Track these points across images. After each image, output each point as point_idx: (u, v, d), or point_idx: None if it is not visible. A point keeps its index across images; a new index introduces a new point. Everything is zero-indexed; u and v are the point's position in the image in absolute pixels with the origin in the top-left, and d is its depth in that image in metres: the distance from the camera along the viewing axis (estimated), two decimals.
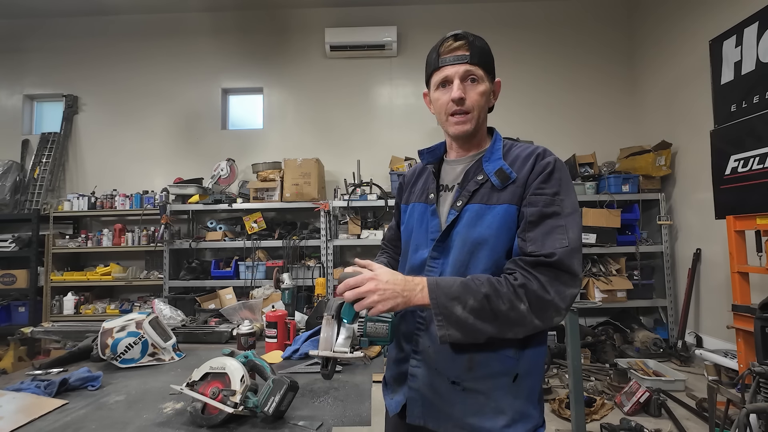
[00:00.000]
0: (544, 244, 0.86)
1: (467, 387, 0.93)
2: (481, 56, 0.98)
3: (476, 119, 0.99)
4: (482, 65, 0.98)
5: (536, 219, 0.89)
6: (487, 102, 1.02)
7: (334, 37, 4.62)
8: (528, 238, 0.89)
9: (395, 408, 1.04)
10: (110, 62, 4.96)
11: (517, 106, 4.59)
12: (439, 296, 0.87)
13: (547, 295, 0.83)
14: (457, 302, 0.85)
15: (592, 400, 2.75)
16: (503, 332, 0.86)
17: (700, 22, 3.67)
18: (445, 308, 0.86)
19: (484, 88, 0.98)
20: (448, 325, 0.86)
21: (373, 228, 4.19)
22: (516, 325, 0.85)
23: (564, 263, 0.85)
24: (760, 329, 2.17)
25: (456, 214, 0.98)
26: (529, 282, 0.84)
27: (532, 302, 0.84)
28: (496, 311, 0.84)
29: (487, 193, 0.97)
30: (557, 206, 0.90)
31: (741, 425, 1.53)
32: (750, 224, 2.56)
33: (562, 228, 0.88)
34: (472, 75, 0.97)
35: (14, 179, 4.64)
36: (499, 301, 0.84)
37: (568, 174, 0.96)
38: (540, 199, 0.91)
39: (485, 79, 0.99)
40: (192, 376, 1.09)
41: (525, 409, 0.93)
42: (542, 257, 0.85)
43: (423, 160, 1.15)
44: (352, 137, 4.81)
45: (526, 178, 0.94)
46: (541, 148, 0.98)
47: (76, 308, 4.26)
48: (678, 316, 3.86)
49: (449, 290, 0.87)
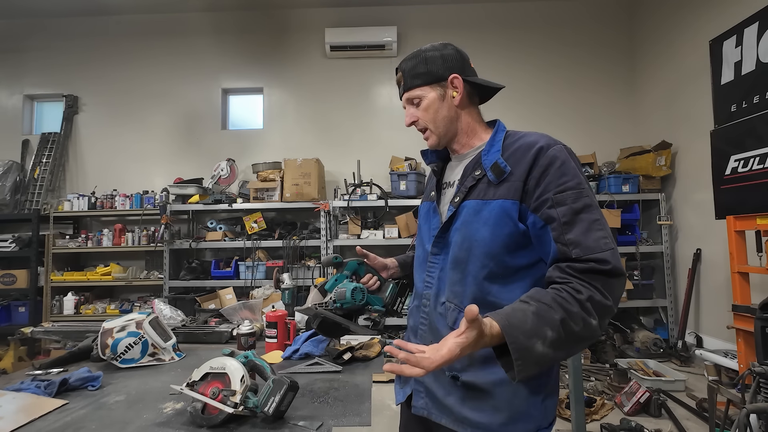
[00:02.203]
0: (588, 246, 0.81)
1: (466, 382, 0.94)
2: (412, 77, 1.02)
3: (435, 131, 1.03)
4: (415, 84, 1.02)
5: (570, 218, 0.84)
6: (441, 108, 1.01)
7: (334, 37, 4.62)
8: (568, 241, 0.83)
9: (401, 398, 1.08)
10: (110, 62, 4.96)
11: (517, 105, 4.59)
12: (518, 337, 0.74)
13: (607, 302, 0.80)
14: (536, 338, 0.75)
15: (592, 400, 2.75)
16: (574, 353, 0.86)
17: (700, 22, 3.67)
18: (525, 350, 0.74)
19: (426, 102, 1.01)
20: (526, 367, 0.74)
21: (374, 228, 4.18)
22: (586, 341, 0.81)
23: (618, 268, 0.81)
24: (760, 329, 2.17)
25: (453, 210, 0.98)
26: (593, 292, 0.79)
27: (600, 314, 0.79)
28: (571, 335, 0.77)
29: (484, 188, 0.95)
30: (586, 197, 0.86)
31: (741, 425, 1.53)
32: (750, 224, 2.56)
33: (599, 222, 0.84)
34: (412, 99, 1.03)
35: (14, 179, 4.64)
36: (573, 324, 0.77)
37: (578, 160, 0.93)
38: (566, 196, 0.86)
39: (427, 92, 1.01)
40: (192, 376, 1.09)
41: (525, 408, 0.92)
42: (593, 263, 0.80)
43: (426, 160, 1.17)
44: (353, 137, 4.81)
45: (527, 173, 0.90)
46: (544, 139, 0.93)
47: (76, 308, 4.26)
48: (678, 316, 3.86)
49: (523, 325, 0.75)
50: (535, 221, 0.88)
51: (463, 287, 0.95)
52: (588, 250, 0.81)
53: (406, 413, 1.12)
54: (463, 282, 0.95)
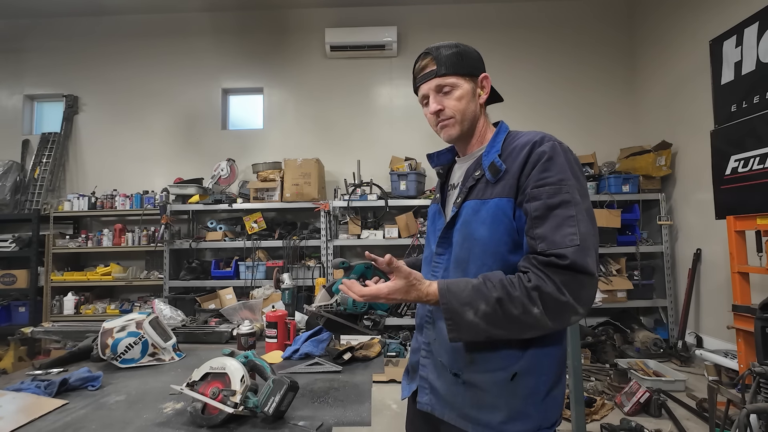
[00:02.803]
0: (554, 241, 0.82)
1: (467, 380, 0.95)
2: (450, 65, 1.00)
3: (460, 122, 1.02)
4: (453, 72, 1.00)
5: (542, 213, 0.85)
6: (470, 102, 1.02)
7: (334, 37, 4.62)
8: (536, 235, 0.85)
9: (407, 393, 1.12)
10: (110, 62, 4.97)
11: (517, 105, 4.59)
12: (450, 301, 0.87)
13: (562, 297, 0.81)
14: (469, 307, 0.85)
15: (593, 400, 2.75)
16: (516, 335, 0.88)
17: (700, 22, 3.67)
18: (456, 313, 0.86)
19: (460, 92, 1.00)
20: (458, 330, 0.87)
21: (374, 228, 4.18)
22: (530, 328, 0.85)
23: (577, 264, 0.80)
24: (760, 329, 2.17)
25: (456, 211, 1.00)
26: (544, 284, 0.81)
27: (547, 305, 0.81)
28: (509, 316, 0.83)
29: (482, 188, 0.97)
30: (565, 193, 0.86)
31: (741, 425, 1.53)
32: (750, 224, 2.56)
33: (573, 219, 0.84)
34: (444, 86, 1.01)
35: (14, 179, 4.64)
36: (512, 306, 0.83)
37: (574, 157, 0.92)
38: (543, 191, 0.86)
39: (460, 83, 1.00)
40: (192, 376, 1.09)
41: (523, 408, 0.92)
42: (554, 258, 0.82)
43: (432, 164, 1.19)
44: (353, 137, 4.81)
45: (520, 169, 0.91)
46: (540, 135, 0.94)
47: (76, 308, 4.26)
48: (678, 316, 3.85)
49: (460, 295, 0.87)
50: (520, 215, 0.91)
51: None
52: (553, 244, 0.83)
53: (411, 409, 1.14)
54: None
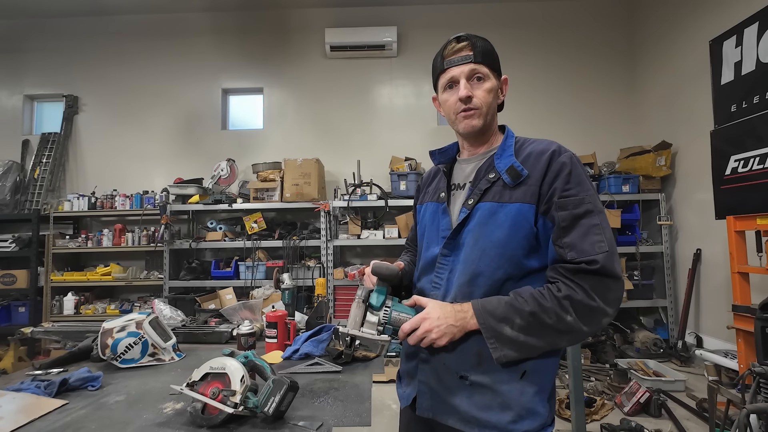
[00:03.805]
0: (583, 249, 0.86)
1: (474, 381, 0.94)
2: (485, 55, 1.00)
3: (484, 115, 1.00)
4: (486, 63, 1.00)
5: (569, 223, 0.88)
6: (495, 99, 1.03)
7: (334, 38, 4.62)
8: (564, 244, 0.88)
9: (407, 400, 1.08)
10: (111, 62, 4.96)
11: (517, 106, 4.57)
12: (487, 320, 0.89)
13: (593, 302, 0.84)
14: (505, 323, 0.88)
15: (593, 400, 2.75)
16: (556, 344, 0.89)
17: (700, 22, 3.67)
18: (495, 331, 0.89)
19: (490, 85, 1.00)
20: (501, 347, 0.89)
21: (373, 228, 4.18)
22: (566, 334, 0.87)
23: (607, 269, 0.84)
24: (760, 329, 2.17)
25: (467, 212, 0.99)
26: (574, 292, 0.84)
27: (579, 312, 0.84)
28: (545, 327, 0.86)
29: (499, 191, 0.96)
30: (589, 204, 0.89)
31: (741, 426, 1.53)
32: (750, 224, 2.56)
33: (598, 227, 0.87)
34: (478, 73, 0.99)
35: (14, 179, 4.64)
36: (545, 317, 0.86)
37: (585, 169, 0.96)
38: (569, 201, 0.89)
39: (491, 76, 1.00)
40: (192, 376, 1.09)
41: (532, 406, 0.92)
42: (584, 264, 0.84)
43: (434, 161, 1.16)
44: (353, 137, 4.81)
45: (542, 177, 0.93)
46: (555, 145, 0.97)
47: (76, 308, 4.26)
48: (678, 316, 3.85)
49: (495, 312, 0.89)
50: (544, 224, 0.92)
51: (472, 288, 0.95)
52: (582, 253, 0.86)
53: (408, 414, 1.10)
54: (473, 283, 0.96)
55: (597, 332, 0.88)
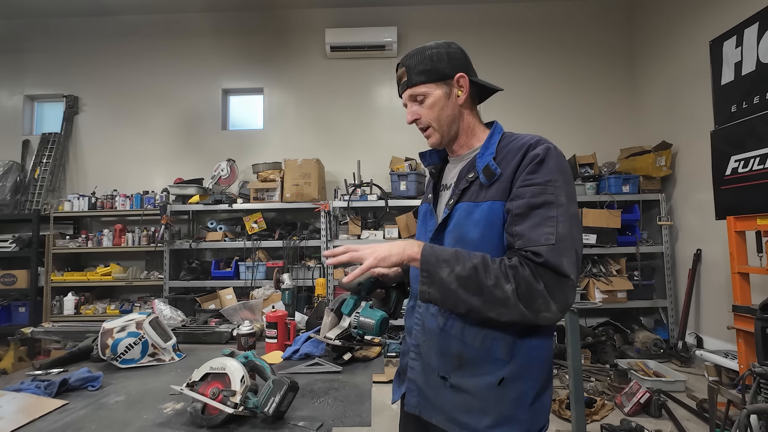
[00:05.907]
0: (530, 239, 0.84)
1: (454, 384, 0.95)
2: (417, 73, 1.00)
3: (439, 129, 1.03)
4: (422, 80, 1.00)
5: (523, 211, 0.86)
6: (445, 107, 1.01)
7: (334, 38, 4.62)
8: (514, 232, 0.87)
9: (396, 396, 1.11)
10: (111, 63, 4.97)
11: (517, 107, 4.59)
12: (429, 255, 0.90)
13: (537, 284, 0.81)
14: (445, 265, 0.87)
15: (593, 400, 2.75)
16: (485, 309, 0.85)
17: (700, 23, 3.67)
18: (432, 266, 0.89)
19: (431, 100, 1.01)
20: (430, 283, 0.89)
21: (374, 228, 4.19)
22: (499, 305, 0.84)
23: (550, 263, 0.81)
24: (760, 330, 2.17)
25: (448, 212, 1.00)
26: (521, 267, 0.83)
27: (520, 286, 0.82)
28: (481, 285, 0.84)
29: (476, 190, 0.97)
30: (550, 194, 0.86)
31: (741, 426, 1.52)
32: (750, 225, 2.55)
33: (552, 219, 0.84)
34: (416, 95, 1.02)
35: (15, 179, 4.65)
36: (487, 276, 0.84)
37: (564, 162, 0.92)
38: (527, 190, 0.87)
39: (433, 89, 1.00)
40: (192, 376, 1.09)
41: (511, 413, 0.91)
42: (530, 253, 0.83)
43: (423, 162, 1.19)
44: (353, 138, 4.81)
45: (514, 172, 0.91)
46: (535, 138, 0.95)
47: (76, 308, 4.26)
48: (678, 316, 3.85)
49: (441, 253, 0.90)
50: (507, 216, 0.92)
51: None
52: (529, 242, 0.84)
53: (403, 412, 1.13)
54: None
55: (530, 322, 0.84)
